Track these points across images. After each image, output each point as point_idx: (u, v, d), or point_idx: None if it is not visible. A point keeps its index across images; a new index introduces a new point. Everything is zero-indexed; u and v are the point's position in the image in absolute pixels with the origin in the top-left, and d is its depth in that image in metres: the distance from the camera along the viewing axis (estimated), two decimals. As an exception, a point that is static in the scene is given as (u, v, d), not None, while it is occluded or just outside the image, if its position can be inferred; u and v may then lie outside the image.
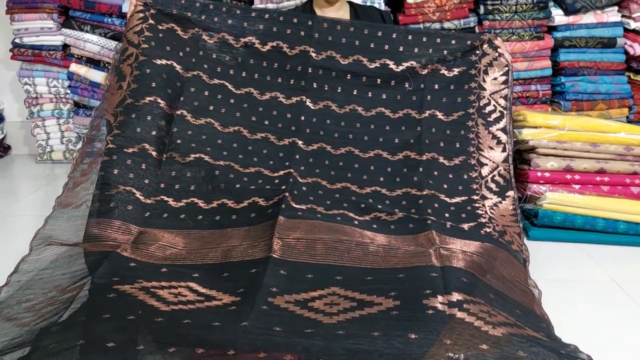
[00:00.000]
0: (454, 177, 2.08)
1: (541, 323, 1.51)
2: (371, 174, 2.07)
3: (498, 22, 3.01)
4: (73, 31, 3.17)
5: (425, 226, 1.83)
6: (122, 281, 1.48)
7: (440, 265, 1.59)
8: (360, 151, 2.12)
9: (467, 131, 2.17)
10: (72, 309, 1.44)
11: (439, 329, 1.30)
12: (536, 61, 3.05)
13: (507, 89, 2.22)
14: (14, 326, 1.42)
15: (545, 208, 2.24)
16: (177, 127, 2.01)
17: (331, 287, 1.52)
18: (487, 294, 1.50)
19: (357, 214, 1.91)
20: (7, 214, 2.55)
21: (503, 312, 1.43)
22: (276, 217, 1.75)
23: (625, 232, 2.21)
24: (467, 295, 1.43)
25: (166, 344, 1.26)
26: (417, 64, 2.23)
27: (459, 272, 1.56)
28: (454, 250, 1.69)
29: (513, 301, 1.57)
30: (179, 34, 2.16)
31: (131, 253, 1.66)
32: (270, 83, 2.20)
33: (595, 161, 2.28)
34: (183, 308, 1.41)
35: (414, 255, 1.67)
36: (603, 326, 1.65)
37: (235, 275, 1.57)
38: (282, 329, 1.32)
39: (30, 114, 3.34)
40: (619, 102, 3.08)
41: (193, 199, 1.90)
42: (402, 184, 2.04)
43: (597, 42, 3.03)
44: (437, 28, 2.99)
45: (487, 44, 2.26)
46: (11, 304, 1.52)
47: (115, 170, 1.85)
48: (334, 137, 2.14)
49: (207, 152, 1.99)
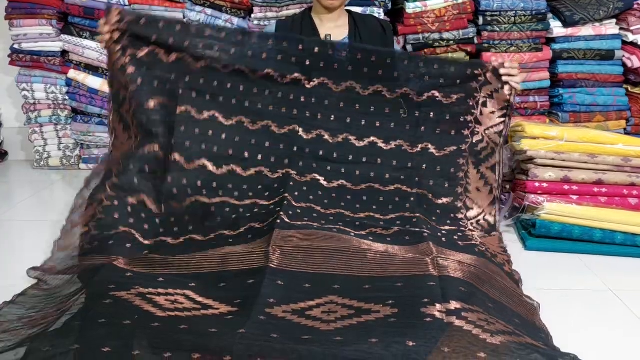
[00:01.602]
0: (442, 213, 2.10)
1: (540, 333, 1.51)
2: (364, 203, 2.07)
3: (497, 33, 3.03)
4: (72, 37, 3.17)
5: (422, 238, 1.84)
6: (118, 288, 1.48)
7: (438, 275, 1.59)
8: (353, 185, 2.09)
9: (457, 169, 2.15)
10: (68, 315, 1.43)
11: (437, 336, 1.29)
12: (534, 73, 3.07)
13: (504, 126, 2.17)
14: (10, 336, 1.42)
15: (542, 218, 2.24)
16: (171, 176, 1.94)
17: (329, 296, 1.52)
18: (486, 303, 1.50)
19: (352, 229, 1.91)
20: (3, 219, 2.54)
21: (502, 320, 1.43)
22: (272, 231, 1.75)
23: (622, 243, 2.21)
24: (465, 304, 1.42)
25: (162, 349, 1.25)
26: (412, 91, 2.14)
27: (457, 281, 1.56)
28: (451, 261, 1.69)
29: (511, 311, 1.56)
30: (161, 58, 2.01)
31: (126, 265, 1.65)
32: (261, 111, 2.09)
33: (593, 172, 2.29)
34: (179, 315, 1.40)
35: (412, 264, 1.67)
36: (600, 336, 1.64)
37: (232, 286, 1.56)
38: (279, 336, 1.31)
39: (28, 120, 3.33)
40: (616, 114, 3.10)
41: (191, 235, 1.89)
42: (395, 210, 2.05)
43: (595, 54, 3.05)
44: (435, 38, 3.00)
45: (492, 73, 2.15)
46: (12, 320, 1.53)
47: (115, 215, 1.83)
48: (326, 170, 2.10)
49: (202, 195, 1.96)
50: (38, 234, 2.38)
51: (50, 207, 2.81)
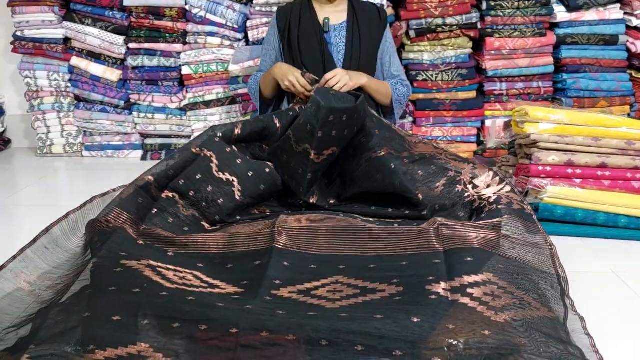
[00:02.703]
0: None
1: (556, 283, 1.55)
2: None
3: (500, 18, 3.02)
4: (74, 24, 3.17)
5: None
6: (129, 257, 1.49)
7: (443, 249, 1.58)
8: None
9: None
10: (80, 282, 1.45)
11: (441, 313, 1.29)
12: (538, 58, 3.06)
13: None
14: (35, 303, 1.44)
15: (546, 202, 2.23)
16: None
17: (334, 276, 1.52)
18: (496, 265, 1.49)
19: (359, 214, 1.93)
20: (7, 204, 2.56)
21: (510, 287, 1.43)
22: (278, 216, 1.77)
23: (626, 226, 2.20)
24: (470, 277, 1.42)
25: (169, 319, 1.26)
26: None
27: (463, 252, 1.54)
28: (457, 227, 1.68)
29: (525, 266, 1.57)
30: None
31: (135, 234, 1.66)
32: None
33: (597, 155, 2.28)
34: (187, 289, 1.41)
35: (418, 236, 1.65)
36: (604, 318, 1.64)
37: (238, 267, 1.57)
38: (285, 313, 1.31)
39: (31, 107, 3.34)
40: (620, 99, 3.09)
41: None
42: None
43: (599, 39, 3.03)
44: (438, 23, 2.99)
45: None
46: (37, 282, 1.55)
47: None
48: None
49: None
50: (42, 218, 2.39)
51: (53, 194, 2.82)
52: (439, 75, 3.08)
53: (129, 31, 3.21)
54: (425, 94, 3.13)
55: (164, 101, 3.26)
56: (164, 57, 3.21)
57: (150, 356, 1.19)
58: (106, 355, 1.17)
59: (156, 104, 3.28)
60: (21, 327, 1.32)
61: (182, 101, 3.26)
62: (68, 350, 1.18)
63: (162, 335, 1.23)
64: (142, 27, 3.20)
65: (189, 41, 3.21)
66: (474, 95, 3.13)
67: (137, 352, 1.19)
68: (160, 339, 1.22)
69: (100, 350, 1.18)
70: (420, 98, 3.14)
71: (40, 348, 1.20)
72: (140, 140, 3.39)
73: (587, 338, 1.39)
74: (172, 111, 3.27)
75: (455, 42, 3.05)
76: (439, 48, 3.07)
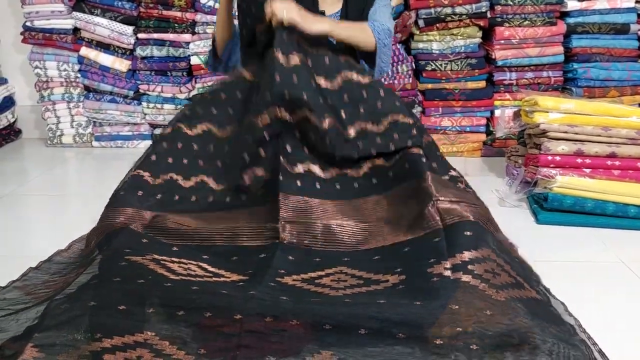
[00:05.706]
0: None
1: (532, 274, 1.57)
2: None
3: (510, 7, 2.99)
4: (83, 14, 3.18)
5: (421, 170, 1.70)
6: (133, 253, 1.49)
7: (442, 225, 1.51)
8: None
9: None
10: (86, 274, 1.46)
11: (445, 294, 1.30)
12: (548, 47, 3.03)
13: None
14: (32, 297, 1.48)
15: (555, 192, 2.22)
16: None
17: (338, 267, 1.52)
18: (490, 243, 1.48)
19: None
20: (18, 193, 2.58)
21: (507, 264, 1.44)
22: (276, 195, 1.69)
23: (635, 216, 2.19)
24: (470, 253, 1.41)
25: (175, 307, 1.27)
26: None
27: (462, 225, 1.49)
28: (453, 201, 1.61)
29: (508, 250, 1.58)
30: None
31: (142, 230, 1.66)
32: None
33: (607, 145, 2.26)
34: (192, 280, 1.42)
35: (417, 219, 1.59)
36: (613, 308, 1.64)
37: (243, 259, 1.58)
38: (289, 298, 1.32)
39: (41, 98, 3.35)
40: (631, 89, 3.06)
41: (202, 177, 1.85)
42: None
43: (610, 28, 3.01)
44: (448, 12, 2.98)
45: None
46: (36, 284, 1.58)
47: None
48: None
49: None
50: (52, 207, 2.41)
51: (63, 183, 2.84)
52: (448, 65, 3.07)
53: (138, 21, 3.21)
54: (434, 83, 3.11)
55: (173, 91, 3.27)
56: (173, 47, 3.21)
57: (156, 344, 1.20)
58: (113, 343, 1.19)
59: (165, 94, 3.28)
60: (21, 313, 1.35)
61: (191, 91, 3.26)
62: (75, 338, 1.20)
63: (168, 323, 1.24)
64: (151, 17, 3.20)
65: (198, 31, 3.21)
66: (483, 85, 3.11)
67: (143, 340, 1.20)
68: (166, 326, 1.23)
69: (107, 338, 1.19)
70: (429, 88, 3.12)
71: (45, 334, 1.21)
72: (150, 131, 3.40)
73: (572, 319, 1.43)
74: (181, 101, 3.28)
75: (465, 31, 3.03)
76: (448, 37, 3.05)
